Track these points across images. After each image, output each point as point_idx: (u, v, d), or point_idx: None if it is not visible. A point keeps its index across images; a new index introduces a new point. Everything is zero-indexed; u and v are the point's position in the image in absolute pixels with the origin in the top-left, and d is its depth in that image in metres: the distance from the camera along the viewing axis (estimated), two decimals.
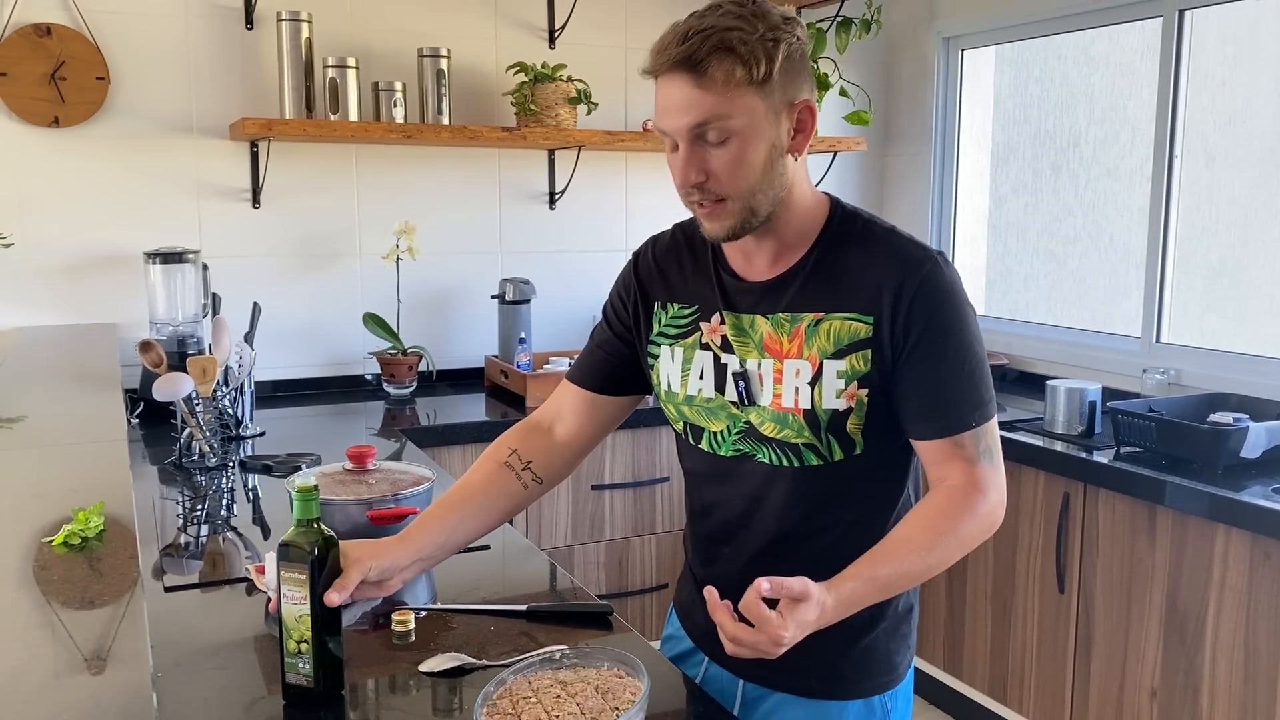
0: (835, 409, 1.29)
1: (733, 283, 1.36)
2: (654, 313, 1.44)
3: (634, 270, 1.48)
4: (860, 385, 1.28)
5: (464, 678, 1.33)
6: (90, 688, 0.90)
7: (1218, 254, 3.05)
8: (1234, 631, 2.28)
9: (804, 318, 1.30)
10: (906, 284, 1.26)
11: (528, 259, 3.49)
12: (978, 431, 1.30)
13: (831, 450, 1.31)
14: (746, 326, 1.34)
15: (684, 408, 1.41)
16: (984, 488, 1.30)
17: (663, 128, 1.25)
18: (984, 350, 1.33)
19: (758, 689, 1.44)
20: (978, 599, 2.94)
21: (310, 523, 1.23)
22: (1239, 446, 2.44)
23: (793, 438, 1.31)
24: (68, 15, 2.85)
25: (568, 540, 3.02)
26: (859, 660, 1.39)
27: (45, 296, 2.92)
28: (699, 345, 1.38)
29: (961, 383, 1.29)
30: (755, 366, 1.33)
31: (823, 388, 1.29)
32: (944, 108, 3.81)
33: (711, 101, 1.20)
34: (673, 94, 1.22)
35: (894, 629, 1.42)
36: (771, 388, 1.32)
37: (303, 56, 3.00)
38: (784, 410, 1.31)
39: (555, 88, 3.23)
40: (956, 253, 3.84)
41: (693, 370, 1.38)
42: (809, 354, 1.30)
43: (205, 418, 2.38)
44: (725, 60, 1.19)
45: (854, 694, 1.40)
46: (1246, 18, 2.96)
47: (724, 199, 1.25)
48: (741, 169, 1.23)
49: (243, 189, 3.11)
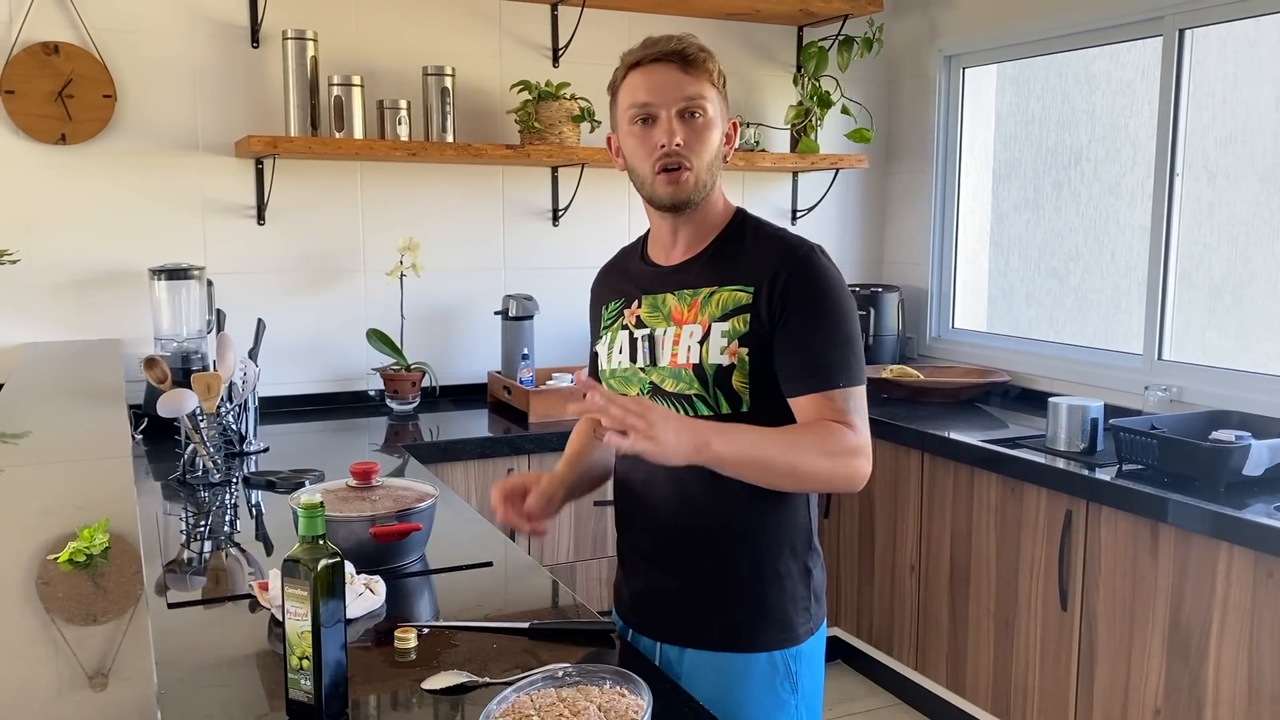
0: (719, 364, 1.51)
1: (652, 270, 1.65)
2: (601, 315, 1.71)
3: (593, 288, 1.78)
4: (740, 344, 1.51)
5: (467, 695, 1.33)
6: (94, 704, 0.90)
7: (1219, 271, 3.06)
8: (1237, 649, 2.28)
9: (701, 291, 1.56)
10: (784, 263, 1.52)
11: (531, 275, 3.51)
12: (846, 391, 1.49)
13: (719, 403, 1.52)
14: (659, 304, 1.61)
15: (610, 381, 1.64)
16: (853, 429, 1.48)
17: (652, 101, 1.52)
18: (857, 328, 1.54)
19: (673, 649, 1.61)
20: (980, 616, 2.94)
21: (315, 539, 1.23)
22: (1241, 464, 2.44)
23: (686, 390, 1.53)
24: (75, 34, 2.87)
25: (570, 557, 3.02)
26: (753, 616, 1.57)
27: (51, 312, 2.93)
28: (621, 327, 1.64)
29: (832, 348, 1.49)
30: (661, 334, 1.58)
31: (709, 345, 1.52)
32: (945, 125, 3.83)
33: (698, 86, 1.53)
34: (665, 77, 1.52)
35: (790, 590, 1.58)
36: (670, 348, 1.56)
37: (308, 74, 3.02)
38: (678, 366, 1.54)
39: (559, 106, 3.25)
40: (958, 269, 3.85)
41: (615, 348, 1.64)
42: (701, 319, 1.55)
43: (209, 434, 2.39)
44: (708, 60, 1.54)
45: (753, 647, 1.56)
46: (1246, 36, 2.98)
47: (688, 168, 1.52)
48: (706, 143, 1.54)
49: (248, 206, 3.12)
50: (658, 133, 1.52)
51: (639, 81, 1.53)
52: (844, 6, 3.58)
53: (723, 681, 1.56)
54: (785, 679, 1.58)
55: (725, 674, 1.56)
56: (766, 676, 1.56)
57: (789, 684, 1.58)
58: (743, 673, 1.56)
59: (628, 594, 1.68)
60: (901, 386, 3.44)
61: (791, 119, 3.72)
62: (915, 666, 3.21)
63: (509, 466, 2.89)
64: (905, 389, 3.44)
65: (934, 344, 3.92)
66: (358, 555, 1.71)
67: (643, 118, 1.53)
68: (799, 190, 3.92)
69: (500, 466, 2.89)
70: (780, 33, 3.81)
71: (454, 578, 1.79)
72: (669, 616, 1.61)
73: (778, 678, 1.57)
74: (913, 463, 3.13)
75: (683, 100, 1.51)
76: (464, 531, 2.03)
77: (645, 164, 1.54)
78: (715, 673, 1.56)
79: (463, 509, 2.19)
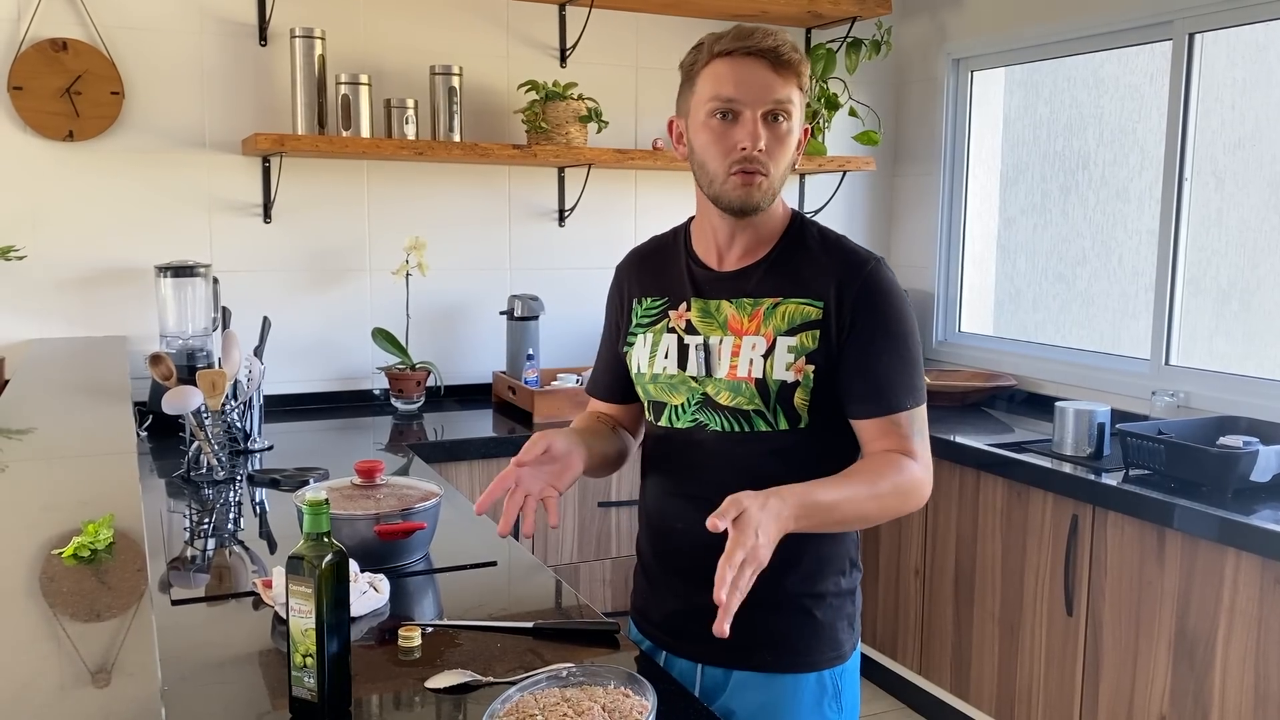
0: (784, 380, 1.45)
1: (703, 273, 1.55)
2: (632, 308, 1.62)
3: (617, 277, 1.67)
4: (808, 361, 1.45)
5: (470, 694, 1.32)
6: (98, 701, 0.90)
7: (1227, 276, 3.05)
8: (1244, 656, 2.27)
9: (764, 302, 1.49)
10: (852, 278, 1.46)
11: (537, 276, 3.50)
12: (911, 414, 1.47)
13: (777, 420, 1.46)
14: (713, 310, 1.52)
15: (649, 386, 1.56)
16: (915, 457, 1.46)
17: (739, 98, 1.42)
18: (919, 345, 1.51)
19: (717, 672, 1.54)
20: (985, 621, 2.93)
21: (320, 536, 1.23)
22: (1249, 470, 2.43)
23: (744, 405, 1.47)
24: (84, 31, 2.88)
25: (574, 557, 3.02)
26: (808, 636, 1.52)
27: (57, 309, 2.93)
28: (666, 330, 1.55)
29: (898, 369, 1.46)
30: (717, 343, 1.50)
31: (774, 360, 1.46)
32: (953, 129, 3.82)
33: (788, 90, 1.45)
34: (755, 74, 1.43)
35: (839, 608, 1.54)
36: (729, 360, 1.48)
37: (315, 73, 3.02)
38: (738, 379, 1.47)
39: (566, 106, 3.24)
40: (965, 272, 3.84)
41: (659, 351, 1.55)
42: (765, 331, 1.47)
43: (214, 431, 2.39)
44: (800, 64, 1.46)
45: (805, 667, 1.52)
46: (1256, 41, 2.97)
47: (764, 174, 1.44)
48: (786, 150, 1.46)
49: (254, 204, 3.12)
50: (740, 133, 1.43)
51: (726, 73, 1.43)
52: (852, 9, 3.57)
53: (770, 703, 1.51)
54: (833, 699, 1.54)
55: (774, 695, 1.51)
56: (815, 697, 1.53)
57: (835, 703, 1.54)
58: (792, 693, 1.52)
59: (659, 615, 1.59)
60: None
61: None
62: (919, 671, 3.20)
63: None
64: None
65: (940, 347, 3.91)
66: (362, 553, 1.71)
67: (724, 112, 1.43)
68: (806, 192, 3.91)
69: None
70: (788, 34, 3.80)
71: (458, 577, 1.78)
72: (714, 636, 1.48)
73: (826, 698, 1.53)
74: None
75: (771, 102, 1.43)
76: (468, 531, 2.03)
77: (720, 162, 1.44)
78: (763, 693, 1.51)
79: (467, 508, 2.19)
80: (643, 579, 1.65)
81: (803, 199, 3.90)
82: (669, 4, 3.42)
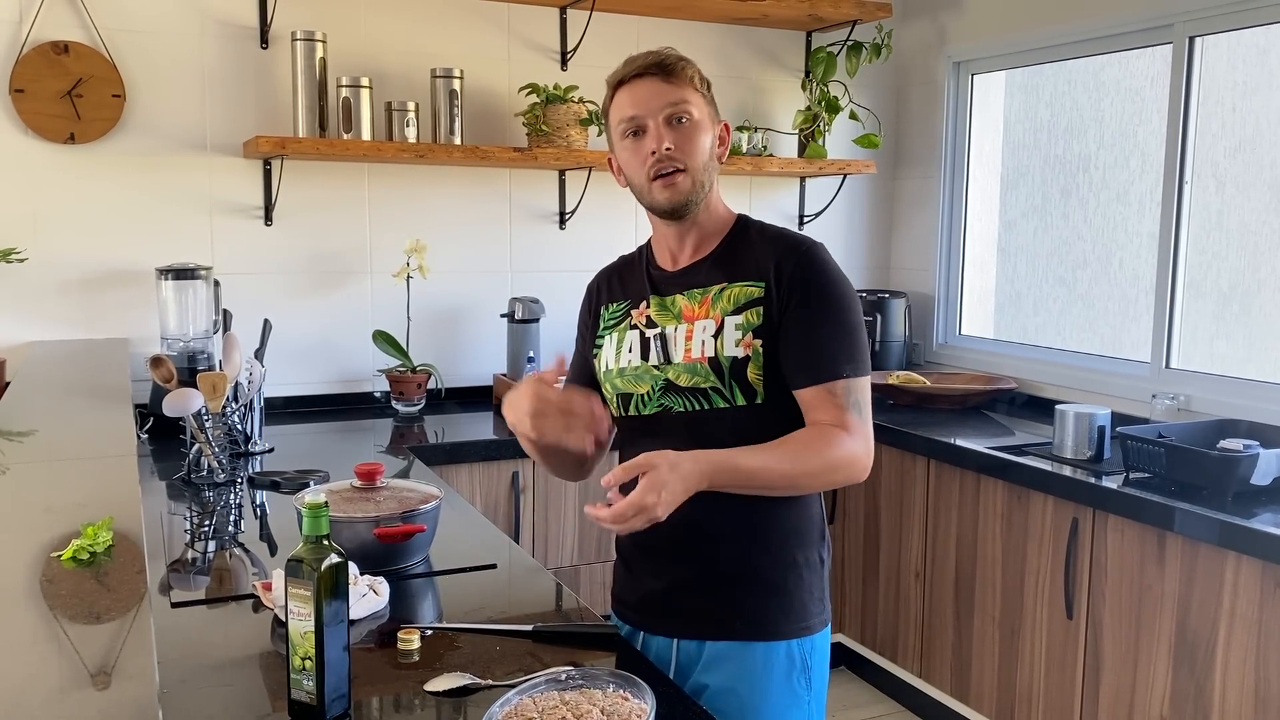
0: (735, 356, 1.55)
1: (659, 274, 1.68)
2: (600, 315, 1.74)
3: (588, 293, 1.80)
4: (755, 336, 1.55)
5: (469, 697, 1.33)
6: (96, 703, 0.90)
7: (1228, 279, 3.05)
8: (1244, 659, 2.27)
9: (711, 289, 1.60)
10: (789, 257, 1.57)
11: (537, 278, 3.51)
12: (849, 383, 1.53)
13: (734, 395, 1.55)
14: (669, 304, 1.64)
15: (617, 380, 1.65)
16: (850, 429, 1.52)
17: (639, 113, 1.57)
18: (860, 321, 1.58)
19: (691, 646, 1.61)
20: (985, 624, 2.93)
21: (320, 539, 1.23)
22: (1249, 473, 2.43)
23: (702, 384, 1.56)
24: (85, 33, 2.88)
25: (574, 560, 3.02)
26: (776, 605, 1.59)
27: (58, 311, 2.94)
28: (629, 327, 1.66)
29: (835, 336, 1.54)
30: (673, 330, 1.61)
31: (724, 339, 1.56)
32: (954, 132, 3.82)
33: (680, 93, 1.57)
34: (649, 89, 1.57)
35: (809, 580, 1.62)
36: (684, 344, 1.59)
37: (317, 76, 3.03)
38: (693, 361, 1.57)
39: (567, 109, 3.25)
40: (966, 275, 3.85)
41: (623, 347, 1.66)
42: (714, 314, 1.58)
43: (214, 433, 2.39)
44: (687, 67, 1.59)
45: (775, 635, 1.59)
46: (1257, 44, 2.97)
47: (682, 170, 1.56)
48: (696, 145, 1.57)
49: (255, 206, 3.13)
50: (648, 142, 1.57)
51: (624, 98, 1.59)
52: (853, 12, 3.57)
53: (742, 673, 1.58)
54: (802, 673, 1.60)
55: (746, 665, 1.58)
56: (784, 669, 1.59)
57: (804, 679, 1.61)
58: (764, 663, 1.58)
59: (635, 598, 1.68)
60: (908, 393, 3.43)
61: (799, 124, 3.72)
62: (919, 674, 3.20)
63: (513, 470, 2.89)
64: (912, 395, 3.43)
65: (941, 350, 3.91)
66: (362, 556, 1.71)
67: (633, 131, 1.58)
68: (806, 195, 3.91)
69: (505, 469, 2.89)
70: (789, 38, 3.81)
71: (457, 579, 1.79)
72: (688, 609, 1.61)
73: (795, 671, 1.60)
74: (919, 469, 3.12)
75: (667, 107, 1.56)
76: (468, 533, 2.03)
77: (640, 174, 1.58)
78: (735, 664, 1.58)
79: (467, 511, 2.19)
80: (621, 567, 1.73)
81: (803, 202, 3.91)
82: (670, 7, 3.42)
